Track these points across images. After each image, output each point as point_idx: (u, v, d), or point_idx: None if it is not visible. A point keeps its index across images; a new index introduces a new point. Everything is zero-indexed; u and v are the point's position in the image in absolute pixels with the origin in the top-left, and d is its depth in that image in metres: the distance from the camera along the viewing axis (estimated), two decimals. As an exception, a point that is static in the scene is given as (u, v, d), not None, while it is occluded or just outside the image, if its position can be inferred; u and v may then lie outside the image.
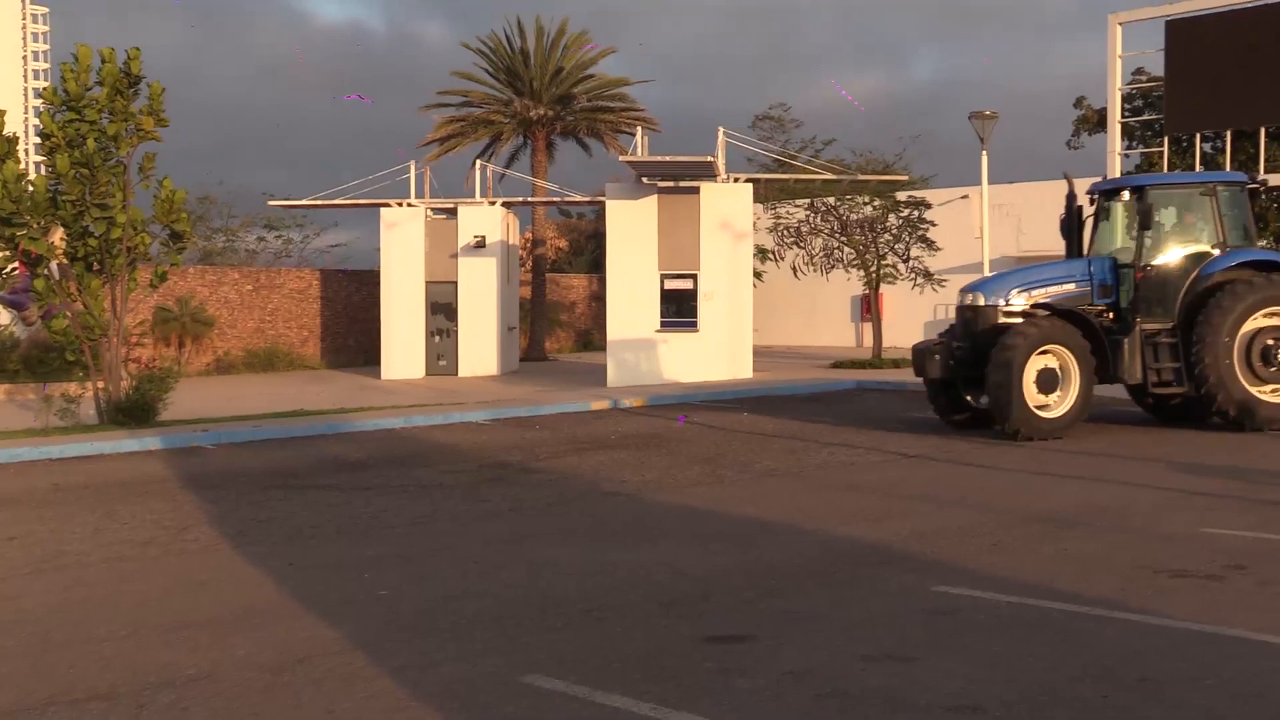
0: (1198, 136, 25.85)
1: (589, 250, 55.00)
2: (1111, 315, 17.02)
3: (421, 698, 5.93)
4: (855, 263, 33.78)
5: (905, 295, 35.55)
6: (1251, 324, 16.37)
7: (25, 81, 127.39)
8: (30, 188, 18.15)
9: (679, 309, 27.41)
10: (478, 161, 35.29)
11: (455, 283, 31.82)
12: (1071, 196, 18.01)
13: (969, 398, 17.25)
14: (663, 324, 27.40)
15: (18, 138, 19.01)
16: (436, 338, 31.93)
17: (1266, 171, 24.74)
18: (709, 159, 26.15)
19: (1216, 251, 16.83)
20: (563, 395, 23.69)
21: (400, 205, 31.95)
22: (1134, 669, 6.16)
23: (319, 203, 33.92)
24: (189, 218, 19.77)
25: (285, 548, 9.80)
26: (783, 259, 35.34)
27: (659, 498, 12.02)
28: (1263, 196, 26.44)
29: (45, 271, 18.55)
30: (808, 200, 34.66)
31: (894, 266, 33.68)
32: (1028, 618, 7.19)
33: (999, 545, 9.36)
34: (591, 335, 45.16)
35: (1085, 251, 17.87)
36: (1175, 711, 5.57)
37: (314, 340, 37.39)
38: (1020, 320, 16.37)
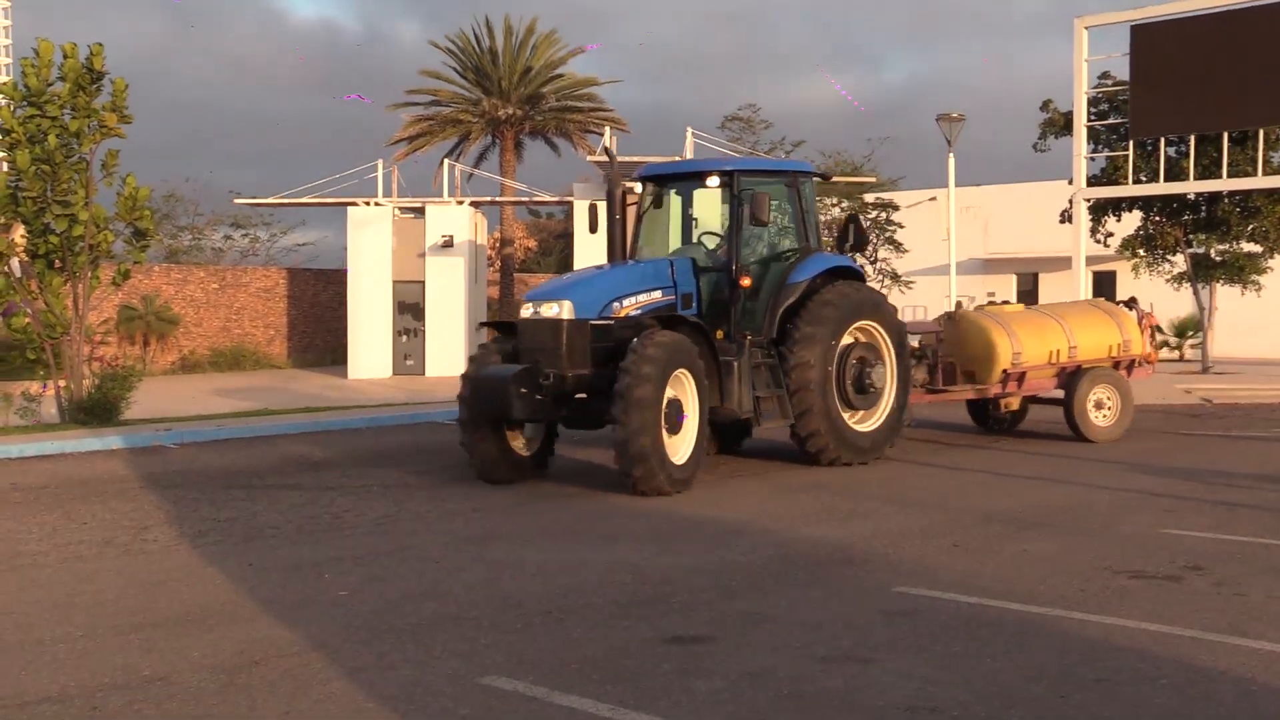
0: (1162, 140, 26.04)
1: (557, 250, 54.99)
2: None
3: (378, 699, 5.89)
4: (823, 264, 33.85)
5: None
6: (843, 343, 14.09)
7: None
8: (-10, 184, 17.97)
9: (647, 309, 27.32)
10: (445, 161, 35.19)
11: (423, 282, 31.72)
12: (612, 181, 14.13)
13: (518, 443, 13.27)
14: (630, 324, 27.31)
15: (-23, 134, 18.83)
16: (404, 337, 31.82)
17: (1230, 176, 24.96)
18: (676, 160, 26.18)
19: (796, 254, 14.28)
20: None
21: (368, 204, 31.83)
22: (1090, 669, 6.19)
23: (286, 201, 33.74)
24: (153, 215, 19.62)
25: (245, 548, 9.73)
26: (751, 260, 35.37)
27: (623, 499, 11.99)
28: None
29: (6, 269, 18.37)
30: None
31: (861, 268, 33.81)
32: (986, 618, 7.21)
33: (960, 546, 9.40)
34: (560, 335, 45.04)
35: (630, 251, 14.40)
36: (1130, 711, 5.60)
37: (280, 339, 37.18)
38: (643, 337, 12.17)
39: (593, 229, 15.20)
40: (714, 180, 13.98)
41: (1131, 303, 17.87)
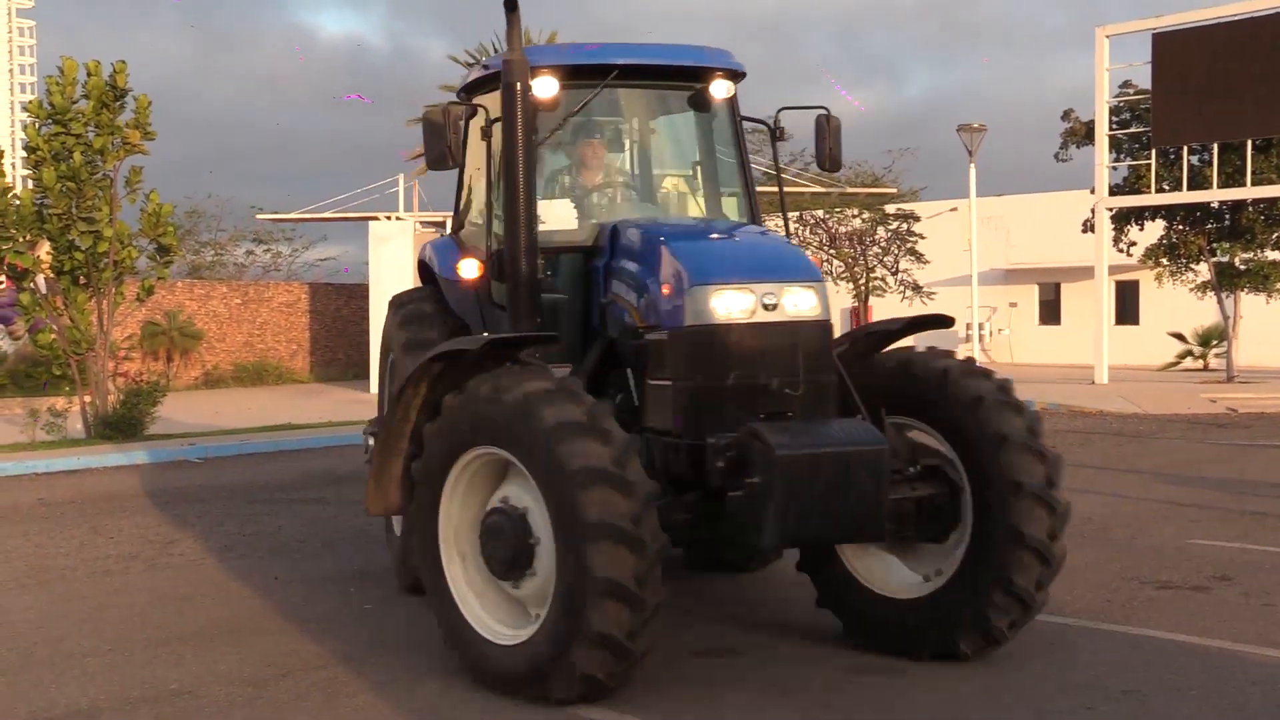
0: (1185, 149, 25.93)
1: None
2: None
3: (405, 713, 5.90)
4: (844, 275, 33.85)
5: (895, 308, 35.57)
6: None
7: (11, 95, 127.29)
8: (16, 201, 18.11)
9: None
10: (466, 175, 35.24)
11: (444, 296, 31.70)
12: (512, 68, 6.80)
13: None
14: (651, 337, 27.11)
15: (3, 152, 18.99)
16: (425, 351, 31.76)
17: (1254, 184, 24.83)
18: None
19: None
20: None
21: (389, 219, 31.92)
22: (1118, 680, 6.15)
23: (308, 216, 33.89)
24: (176, 231, 19.74)
25: (271, 562, 9.76)
26: (772, 271, 35.34)
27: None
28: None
29: (31, 285, 18.50)
30: (796, 213, 34.73)
31: (883, 279, 33.78)
32: (1013, 630, 7.17)
33: (986, 557, 9.34)
34: (581, 348, 45.09)
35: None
36: (1160, 723, 5.57)
37: (303, 354, 37.30)
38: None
39: (441, 161, 7.27)
40: (724, 86, 8.07)
41: None
